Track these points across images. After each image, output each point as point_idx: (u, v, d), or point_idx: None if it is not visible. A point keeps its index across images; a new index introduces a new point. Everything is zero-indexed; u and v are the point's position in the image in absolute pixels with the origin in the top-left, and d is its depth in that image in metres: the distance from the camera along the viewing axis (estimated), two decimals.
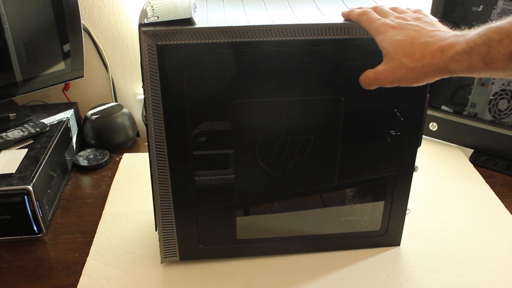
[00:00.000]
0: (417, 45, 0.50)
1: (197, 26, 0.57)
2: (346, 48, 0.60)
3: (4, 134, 0.91)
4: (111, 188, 0.95)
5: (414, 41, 0.50)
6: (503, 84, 0.97)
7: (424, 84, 0.52)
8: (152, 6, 0.63)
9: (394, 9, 0.58)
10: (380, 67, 0.53)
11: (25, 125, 0.95)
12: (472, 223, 0.84)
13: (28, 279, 0.73)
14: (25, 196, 0.77)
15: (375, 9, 0.58)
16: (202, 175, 0.68)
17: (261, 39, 0.58)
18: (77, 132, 1.09)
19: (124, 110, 1.10)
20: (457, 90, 1.03)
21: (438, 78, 0.50)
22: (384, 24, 0.53)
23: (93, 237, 0.81)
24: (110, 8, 1.10)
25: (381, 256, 0.77)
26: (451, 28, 0.52)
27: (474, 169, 1.01)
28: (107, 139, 1.07)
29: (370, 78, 0.54)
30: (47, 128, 0.96)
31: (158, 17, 0.58)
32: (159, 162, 0.65)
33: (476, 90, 1.00)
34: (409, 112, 0.66)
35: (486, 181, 0.96)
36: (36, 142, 0.92)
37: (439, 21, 0.54)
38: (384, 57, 0.53)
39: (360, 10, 0.58)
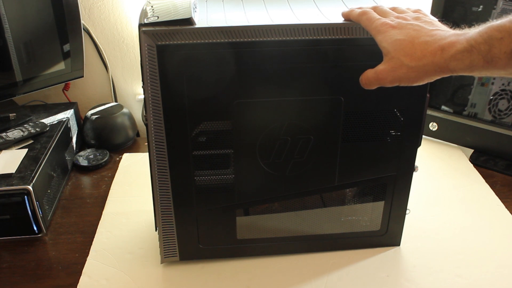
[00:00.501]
0: (417, 44, 0.50)
1: (197, 26, 0.57)
2: (346, 48, 0.60)
3: (4, 134, 0.91)
4: (111, 188, 0.95)
5: (414, 40, 0.50)
6: (503, 84, 0.97)
7: (424, 83, 0.52)
8: (152, 6, 0.63)
9: (394, 9, 0.58)
10: (380, 67, 0.53)
11: (25, 125, 0.95)
12: (472, 223, 0.84)
13: (28, 279, 0.73)
14: (25, 196, 0.77)
15: (375, 9, 0.58)
16: (202, 175, 0.68)
17: (261, 39, 0.58)
18: (77, 132, 1.09)
19: (124, 110, 1.10)
20: (457, 90, 1.03)
21: (438, 77, 0.50)
22: (384, 23, 0.53)
23: (93, 237, 0.81)
24: (110, 8, 1.10)
25: (381, 256, 0.77)
26: (451, 28, 0.52)
27: (474, 169, 1.01)
28: (107, 139, 1.07)
29: (370, 77, 0.54)
30: (47, 128, 0.96)
31: (158, 17, 0.58)
32: (159, 162, 0.65)
33: (476, 90, 1.00)
34: (409, 112, 0.66)
35: (486, 181, 0.96)
36: (36, 142, 0.92)
37: (439, 21, 0.54)
38: (384, 57, 0.53)
39: (360, 10, 0.58)
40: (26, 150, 0.88)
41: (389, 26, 0.53)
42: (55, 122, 1.00)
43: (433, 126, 1.09)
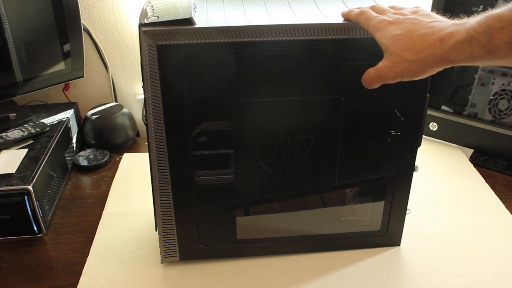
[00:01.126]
0: (416, 37, 0.50)
1: (197, 26, 0.57)
2: (346, 48, 0.60)
3: (4, 134, 0.91)
4: (111, 188, 0.95)
5: (412, 34, 0.50)
6: (503, 84, 0.97)
7: (427, 76, 0.51)
8: (152, 6, 0.63)
9: (392, 7, 0.58)
10: (381, 64, 0.53)
11: (25, 125, 0.95)
12: (472, 223, 0.84)
13: (28, 279, 0.73)
14: (25, 196, 0.77)
15: (373, 8, 0.58)
16: (202, 175, 0.68)
17: (261, 39, 0.58)
18: (77, 132, 1.09)
19: (124, 110, 1.10)
20: (457, 90, 1.03)
21: (440, 69, 0.50)
22: (381, 21, 0.53)
23: (93, 237, 0.81)
24: (110, 8, 1.10)
25: (381, 256, 0.77)
26: (449, 18, 0.52)
27: (474, 169, 1.01)
28: (107, 139, 1.07)
29: (372, 75, 0.54)
30: (47, 128, 0.96)
31: (158, 17, 0.58)
32: (159, 162, 0.65)
33: (476, 90, 1.00)
34: (409, 112, 0.66)
35: (486, 181, 0.96)
36: (36, 142, 0.92)
37: (438, 14, 0.54)
38: (384, 53, 0.53)
39: (358, 10, 0.58)
40: (26, 150, 0.88)
41: (387, 22, 0.53)
42: (55, 122, 1.00)
43: (433, 126, 1.09)
